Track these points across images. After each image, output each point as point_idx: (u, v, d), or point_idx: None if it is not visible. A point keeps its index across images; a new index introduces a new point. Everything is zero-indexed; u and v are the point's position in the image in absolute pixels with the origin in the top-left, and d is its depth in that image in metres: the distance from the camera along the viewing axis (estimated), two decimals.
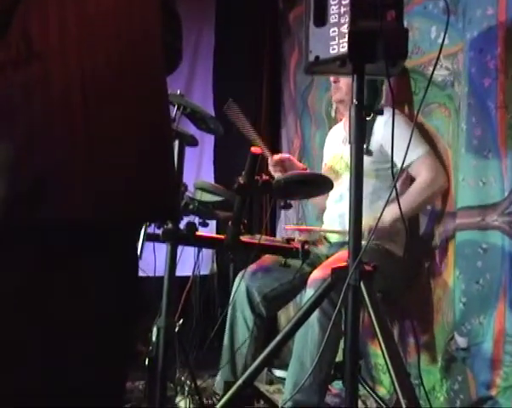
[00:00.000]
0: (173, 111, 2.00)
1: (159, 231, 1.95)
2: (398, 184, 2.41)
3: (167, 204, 1.20)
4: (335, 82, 2.66)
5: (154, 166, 1.13)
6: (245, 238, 2.06)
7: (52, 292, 1.01)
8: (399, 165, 1.88)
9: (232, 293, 2.63)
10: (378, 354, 2.69)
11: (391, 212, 2.24)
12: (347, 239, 1.68)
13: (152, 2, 1.17)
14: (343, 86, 2.62)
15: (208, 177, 3.97)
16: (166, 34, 1.23)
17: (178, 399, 2.20)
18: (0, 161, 0.96)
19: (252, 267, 2.56)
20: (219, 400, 2.35)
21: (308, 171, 2.74)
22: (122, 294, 1.13)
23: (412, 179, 2.51)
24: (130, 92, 1.08)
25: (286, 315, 3.67)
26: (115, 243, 1.11)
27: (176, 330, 1.95)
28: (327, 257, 2.48)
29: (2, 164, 0.96)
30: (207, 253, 3.06)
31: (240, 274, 2.60)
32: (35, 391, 1.01)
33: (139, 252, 1.88)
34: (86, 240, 1.04)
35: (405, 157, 1.66)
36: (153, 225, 2.01)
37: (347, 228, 1.66)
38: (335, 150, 2.79)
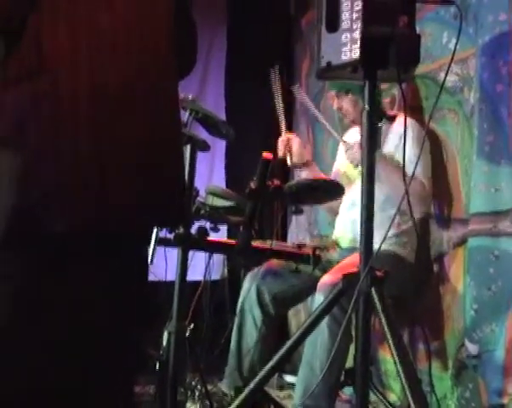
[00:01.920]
0: (185, 116, 2.01)
1: (170, 236, 1.96)
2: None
3: (176, 210, 1.20)
4: (339, 109, 2.66)
5: (164, 175, 1.13)
6: (256, 243, 2.07)
7: (60, 294, 1.02)
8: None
9: (242, 292, 2.64)
10: (387, 359, 2.68)
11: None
12: (358, 245, 1.67)
13: (164, 15, 1.18)
14: (348, 108, 2.62)
15: (220, 182, 3.98)
16: (179, 42, 1.23)
17: (188, 403, 2.21)
18: (8, 171, 0.97)
19: (262, 269, 2.56)
20: (228, 403, 2.36)
21: (322, 175, 2.74)
22: (130, 297, 1.14)
23: None
24: (140, 105, 1.08)
25: (296, 320, 3.66)
26: (124, 247, 1.12)
27: (187, 334, 1.96)
28: (338, 263, 2.47)
29: (11, 175, 0.97)
30: (218, 258, 3.06)
31: (249, 274, 2.61)
32: (37, 392, 1.01)
33: (150, 257, 1.89)
34: (94, 244, 1.05)
35: (412, 177, 1.64)
36: (164, 230, 2.02)
37: (358, 235, 1.66)
38: None
